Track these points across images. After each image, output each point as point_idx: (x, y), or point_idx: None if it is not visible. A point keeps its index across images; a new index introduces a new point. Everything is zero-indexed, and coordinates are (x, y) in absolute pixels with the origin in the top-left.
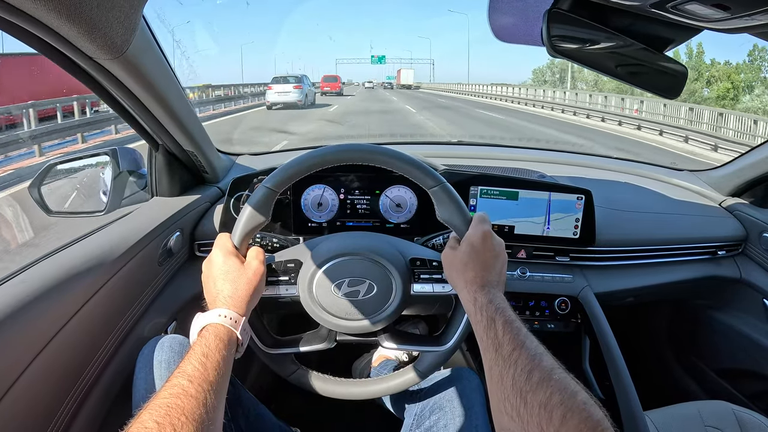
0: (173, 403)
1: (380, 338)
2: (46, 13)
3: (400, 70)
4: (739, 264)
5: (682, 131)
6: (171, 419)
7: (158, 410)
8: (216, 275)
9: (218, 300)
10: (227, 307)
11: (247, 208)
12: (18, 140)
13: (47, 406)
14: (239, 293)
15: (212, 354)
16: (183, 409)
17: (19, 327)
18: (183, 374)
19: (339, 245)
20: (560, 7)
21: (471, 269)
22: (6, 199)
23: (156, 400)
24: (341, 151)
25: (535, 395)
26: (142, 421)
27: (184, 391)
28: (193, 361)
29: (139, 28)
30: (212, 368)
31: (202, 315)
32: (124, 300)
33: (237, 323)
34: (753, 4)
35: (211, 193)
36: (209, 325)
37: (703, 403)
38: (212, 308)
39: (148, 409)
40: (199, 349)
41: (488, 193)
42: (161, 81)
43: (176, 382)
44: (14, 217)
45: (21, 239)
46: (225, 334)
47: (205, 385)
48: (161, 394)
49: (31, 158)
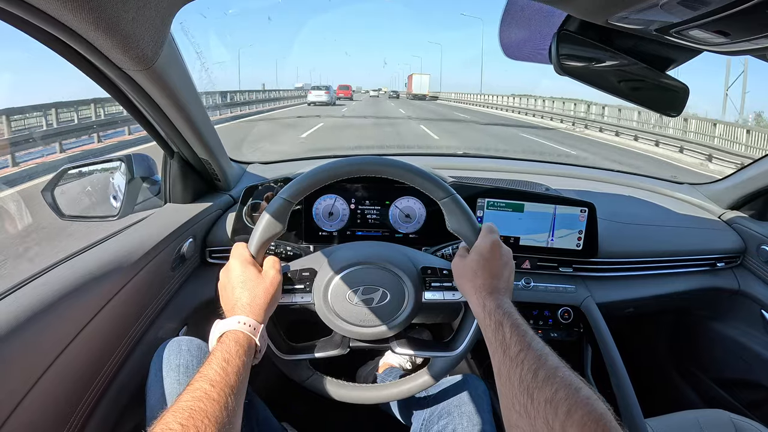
0: (196, 406)
1: (392, 344)
2: (85, 26)
3: (412, 75)
4: (738, 276)
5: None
6: (195, 421)
7: (182, 413)
8: (234, 284)
9: (237, 308)
10: (246, 315)
11: (264, 218)
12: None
13: (63, 408)
14: (257, 301)
15: (233, 359)
16: (206, 412)
17: (40, 329)
18: (205, 378)
19: (353, 254)
20: (568, 29)
21: (480, 277)
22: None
23: (179, 403)
24: (356, 163)
25: (541, 392)
26: (166, 422)
27: (207, 394)
28: (214, 366)
29: (167, 40)
30: (233, 373)
31: (222, 322)
32: (139, 304)
33: (256, 330)
34: (752, 30)
35: (223, 200)
36: (229, 331)
37: (701, 411)
38: (231, 316)
39: (171, 411)
40: (220, 355)
41: (495, 205)
42: (185, 92)
43: (199, 386)
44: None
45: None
46: (244, 341)
47: (226, 390)
48: (184, 397)
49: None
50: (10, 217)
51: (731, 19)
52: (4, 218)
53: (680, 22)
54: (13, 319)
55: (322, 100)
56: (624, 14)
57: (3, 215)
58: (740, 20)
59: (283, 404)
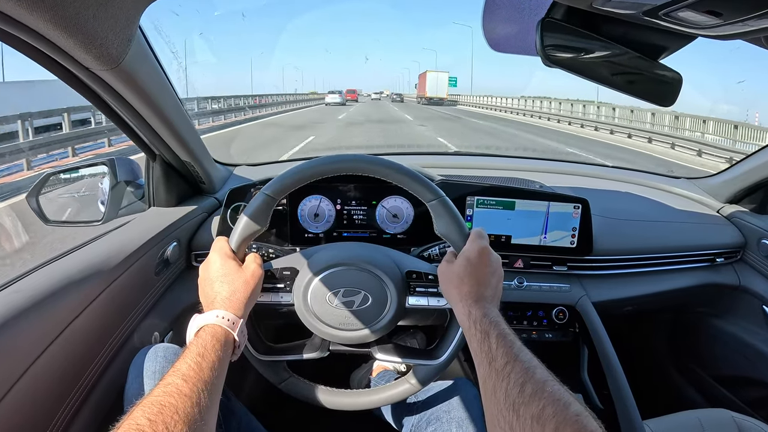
0: (166, 401)
1: (373, 350)
2: (43, 25)
3: (426, 73)
4: (738, 271)
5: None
6: (164, 417)
7: (151, 408)
8: (213, 277)
9: (216, 301)
10: (225, 309)
11: (246, 214)
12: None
13: (41, 417)
14: (237, 295)
15: (208, 354)
16: (176, 407)
17: (11, 337)
18: (178, 373)
19: (335, 255)
20: (553, 17)
21: (467, 284)
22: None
23: (149, 398)
24: (340, 161)
25: (527, 408)
26: (134, 417)
27: (178, 390)
28: (188, 360)
29: (135, 39)
30: (208, 368)
31: (200, 316)
32: (121, 310)
33: (234, 325)
34: (745, 9)
35: (209, 203)
36: (206, 325)
37: (703, 411)
38: (209, 310)
39: (140, 406)
40: (195, 349)
41: (485, 203)
42: (158, 91)
43: (171, 380)
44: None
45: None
46: (222, 335)
47: (199, 385)
48: (155, 392)
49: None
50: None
51: None
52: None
53: (668, 2)
54: None
55: (336, 101)
56: None
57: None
58: None
59: (271, 410)
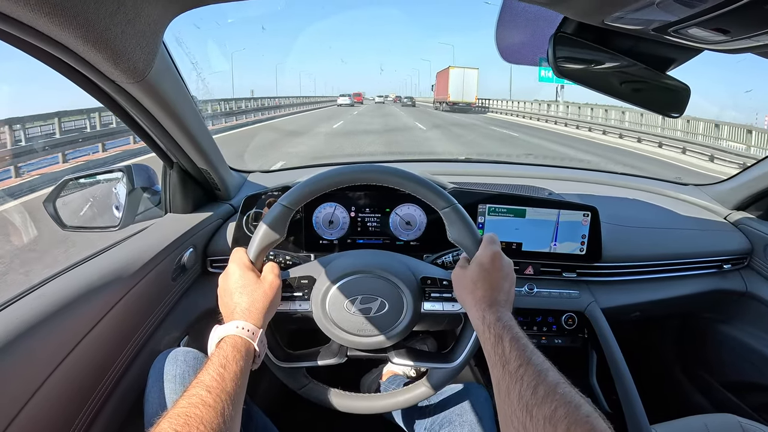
0: (192, 412)
1: (390, 354)
2: (73, 40)
3: (449, 70)
4: (745, 277)
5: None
6: (190, 428)
7: (177, 419)
8: (233, 288)
9: (236, 312)
10: (244, 320)
11: (264, 225)
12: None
13: (62, 421)
14: (256, 306)
15: (230, 365)
16: (202, 418)
17: (36, 342)
18: (201, 384)
19: (352, 263)
20: (565, 31)
21: (480, 288)
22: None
23: (175, 409)
24: (356, 171)
25: (540, 409)
26: (161, 429)
27: (203, 401)
28: (211, 372)
29: (159, 52)
30: (230, 379)
31: (220, 327)
32: (139, 315)
33: (254, 335)
34: (752, 26)
35: (224, 210)
36: (227, 336)
37: (710, 416)
38: (229, 320)
39: (167, 417)
40: (217, 360)
41: (496, 211)
42: (179, 103)
43: (195, 392)
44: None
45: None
46: (242, 346)
47: (223, 396)
48: (180, 403)
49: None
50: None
51: (730, 16)
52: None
53: (678, 21)
54: (13, 330)
55: (346, 102)
56: (620, 14)
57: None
58: (739, 17)
59: (285, 413)
